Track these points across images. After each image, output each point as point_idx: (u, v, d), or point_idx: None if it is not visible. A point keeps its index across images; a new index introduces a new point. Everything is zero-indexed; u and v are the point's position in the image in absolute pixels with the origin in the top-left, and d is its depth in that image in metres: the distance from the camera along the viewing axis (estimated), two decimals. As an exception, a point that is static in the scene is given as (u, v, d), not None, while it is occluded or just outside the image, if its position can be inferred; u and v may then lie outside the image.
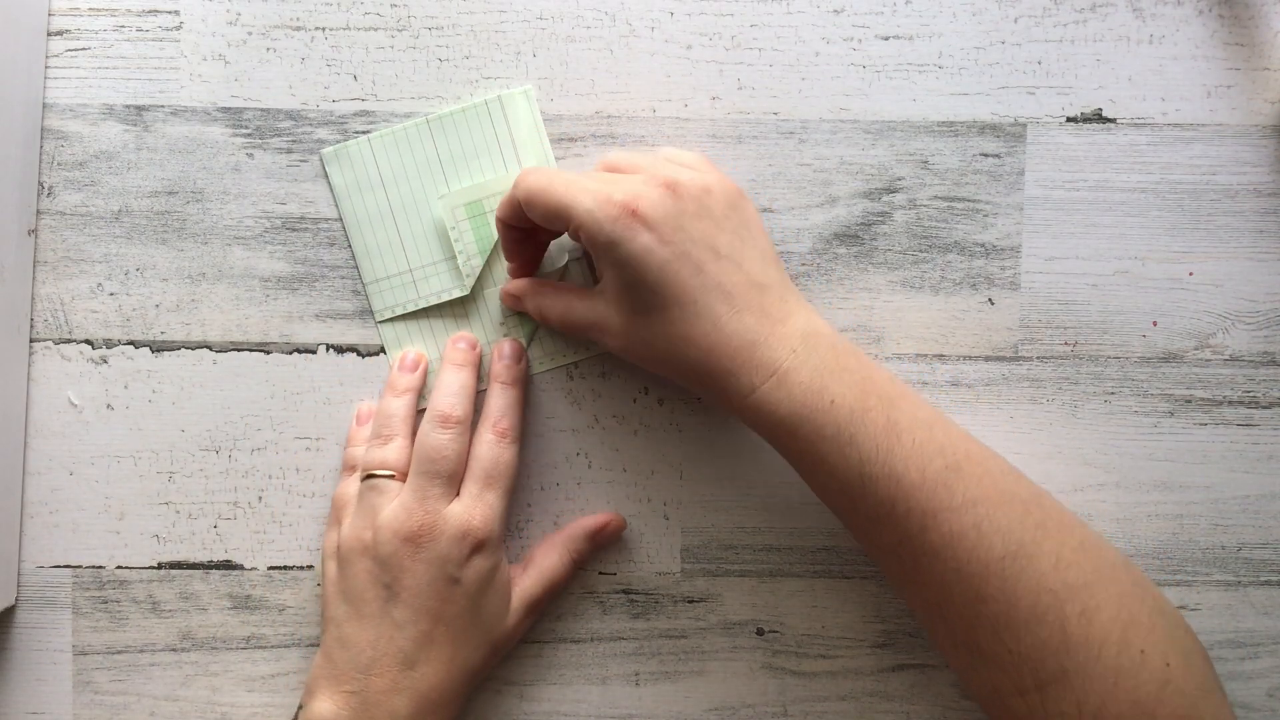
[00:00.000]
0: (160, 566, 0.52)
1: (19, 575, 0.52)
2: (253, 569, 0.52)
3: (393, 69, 0.52)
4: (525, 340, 0.52)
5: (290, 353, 0.52)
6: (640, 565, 0.53)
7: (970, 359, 0.53)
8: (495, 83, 0.52)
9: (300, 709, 0.48)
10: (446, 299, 0.52)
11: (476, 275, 0.51)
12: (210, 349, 0.52)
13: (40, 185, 0.52)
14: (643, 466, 0.52)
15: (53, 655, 0.52)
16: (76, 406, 0.52)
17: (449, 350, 0.51)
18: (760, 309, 0.44)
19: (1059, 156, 0.52)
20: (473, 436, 0.49)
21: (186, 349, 0.52)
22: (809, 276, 0.52)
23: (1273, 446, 0.53)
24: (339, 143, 0.52)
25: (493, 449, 0.48)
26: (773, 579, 0.53)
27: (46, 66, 0.52)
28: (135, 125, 0.52)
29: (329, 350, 0.52)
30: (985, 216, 0.52)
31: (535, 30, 0.52)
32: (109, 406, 0.52)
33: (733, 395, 0.44)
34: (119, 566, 0.52)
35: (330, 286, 0.52)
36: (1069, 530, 0.43)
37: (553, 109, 0.52)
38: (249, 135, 0.52)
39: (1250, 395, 0.53)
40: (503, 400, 0.50)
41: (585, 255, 0.52)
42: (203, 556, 0.52)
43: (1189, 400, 0.53)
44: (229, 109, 0.52)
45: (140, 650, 0.52)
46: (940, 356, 0.53)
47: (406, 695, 0.46)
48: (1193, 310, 0.53)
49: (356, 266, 0.52)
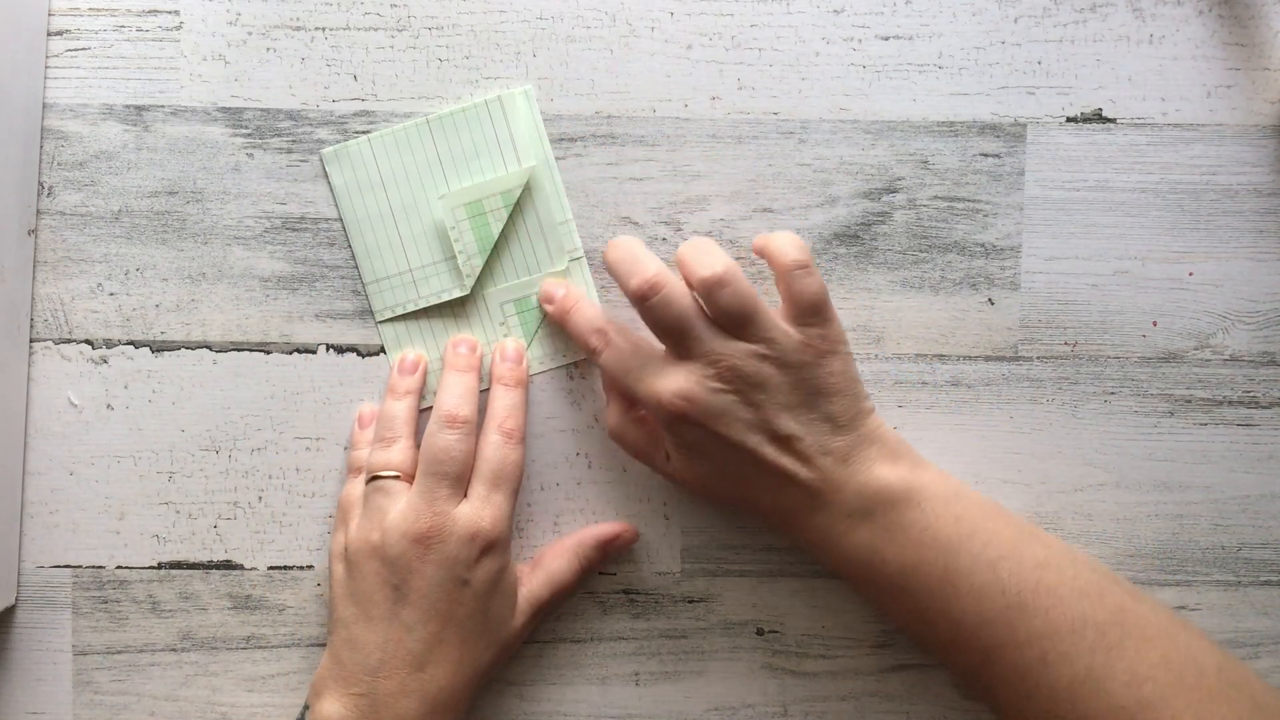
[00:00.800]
0: (160, 566, 0.52)
1: (19, 575, 0.52)
2: (253, 569, 0.52)
3: (393, 69, 0.52)
4: (526, 341, 0.52)
5: (290, 353, 0.52)
6: (640, 565, 0.53)
7: (970, 359, 0.53)
8: (495, 83, 0.52)
9: (306, 709, 0.48)
10: (446, 299, 0.52)
11: (476, 275, 0.51)
12: (210, 349, 0.52)
13: (40, 185, 0.52)
14: (643, 467, 0.52)
15: (53, 655, 0.52)
16: (76, 406, 0.52)
17: (450, 354, 0.51)
18: (818, 479, 0.45)
19: (1059, 156, 0.52)
20: (478, 438, 0.49)
21: (186, 349, 0.52)
22: (809, 276, 0.52)
23: (1273, 446, 0.53)
24: (339, 142, 0.52)
25: (499, 449, 0.48)
26: (773, 579, 0.53)
27: (46, 66, 0.52)
28: (135, 125, 0.52)
29: (329, 350, 0.52)
30: (985, 216, 0.52)
31: (535, 30, 0.52)
32: (109, 406, 0.52)
33: (799, 544, 0.49)
34: (119, 566, 0.52)
35: (330, 286, 0.52)
36: (1150, 644, 0.43)
37: (553, 109, 0.52)
38: (249, 135, 0.52)
39: (1250, 395, 0.53)
40: (507, 401, 0.50)
41: (583, 259, 0.52)
42: (203, 556, 0.52)
43: (1189, 400, 0.53)
44: (229, 109, 0.52)
45: (140, 650, 0.52)
46: (940, 356, 0.53)
47: (416, 697, 0.46)
48: (1193, 310, 0.53)
49: (356, 266, 0.52)
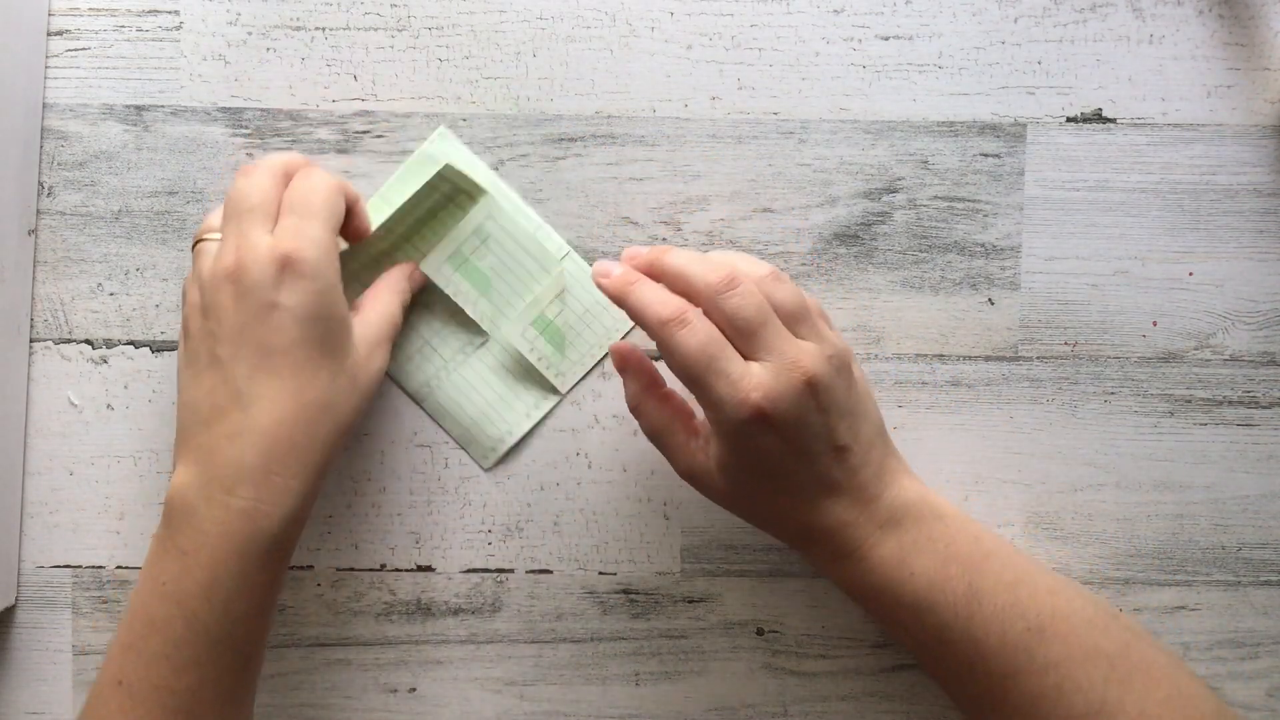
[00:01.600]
0: (160, 566, 0.52)
1: (19, 575, 0.52)
2: (253, 569, 0.52)
3: (393, 69, 0.52)
4: (557, 353, 0.52)
5: (290, 353, 0.52)
6: (640, 565, 0.53)
7: (970, 359, 0.53)
8: (495, 83, 0.52)
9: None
10: (471, 351, 0.52)
11: (489, 316, 0.51)
12: (210, 349, 0.52)
13: (40, 185, 0.52)
14: (643, 466, 0.52)
15: (53, 655, 0.52)
16: (76, 406, 0.52)
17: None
18: (858, 490, 0.45)
19: (1059, 156, 0.52)
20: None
21: (186, 349, 0.52)
22: (809, 276, 0.52)
23: (1273, 446, 0.53)
24: (340, 148, 0.52)
25: (305, 180, 0.45)
26: (773, 579, 0.53)
27: (46, 66, 0.52)
28: (135, 125, 0.52)
29: (329, 350, 0.52)
30: (985, 216, 0.52)
31: (535, 30, 0.52)
32: (109, 406, 0.52)
33: (819, 563, 0.47)
34: (119, 566, 0.52)
35: (330, 286, 0.52)
36: (1156, 683, 0.43)
37: (553, 109, 0.52)
38: (249, 135, 0.52)
39: (1250, 395, 0.53)
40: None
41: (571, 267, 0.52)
42: (203, 556, 0.52)
43: (1189, 400, 0.53)
44: (229, 109, 0.52)
45: (140, 650, 0.52)
46: (940, 356, 0.53)
47: (249, 438, 0.43)
48: (1193, 310, 0.53)
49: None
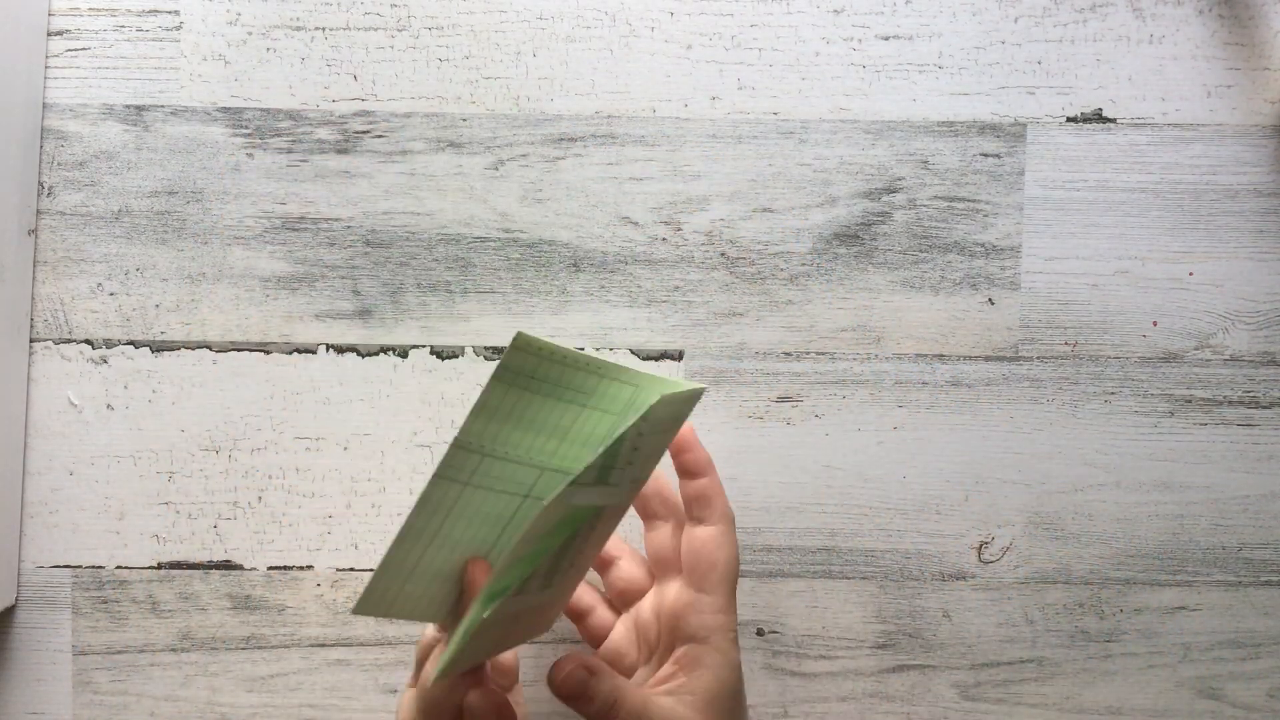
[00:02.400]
0: (160, 566, 0.52)
1: (19, 575, 0.52)
2: (252, 569, 0.52)
3: (393, 69, 0.52)
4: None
5: (290, 353, 0.52)
6: (640, 565, 0.53)
7: (970, 359, 0.53)
8: (495, 83, 0.52)
9: None
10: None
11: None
12: (210, 349, 0.52)
13: (40, 185, 0.52)
14: (643, 466, 0.52)
15: (53, 655, 0.52)
16: (76, 406, 0.52)
17: None
18: None
19: (1059, 156, 0.52)
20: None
21: (186, 349, 0.52)
22: (809, 276, 0.52)
23: (1273, 446, 0.53)
24: (340, 148, 0.52)
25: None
26: (773, 579, 0.53)
27: (46, 66, 0.52)
28: (135, 125, 0.52)
29: (329, 350, 0.52)
30: (985, 216, 0.52)
31: (535, 30, 0.52)
32: (109, 406, 0.52)
33: None
34: (119, 566, 0.52)
35: (330, 286, 0.52)
36: None
37: (553, 109, 0.52)
38: (249, 135, 0.52)
39: (1250, 395, 0.53)
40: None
41: None
42: (202, 556, 0.52)
43: (1189, 400, 0.53)
44: (229, 109, 0.52)
45: (140, 650, 0.52)
46: (940, 356, 0.53)
47: None
48: (1193, 310, 0.53)
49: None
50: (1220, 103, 0.52)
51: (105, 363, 0.52)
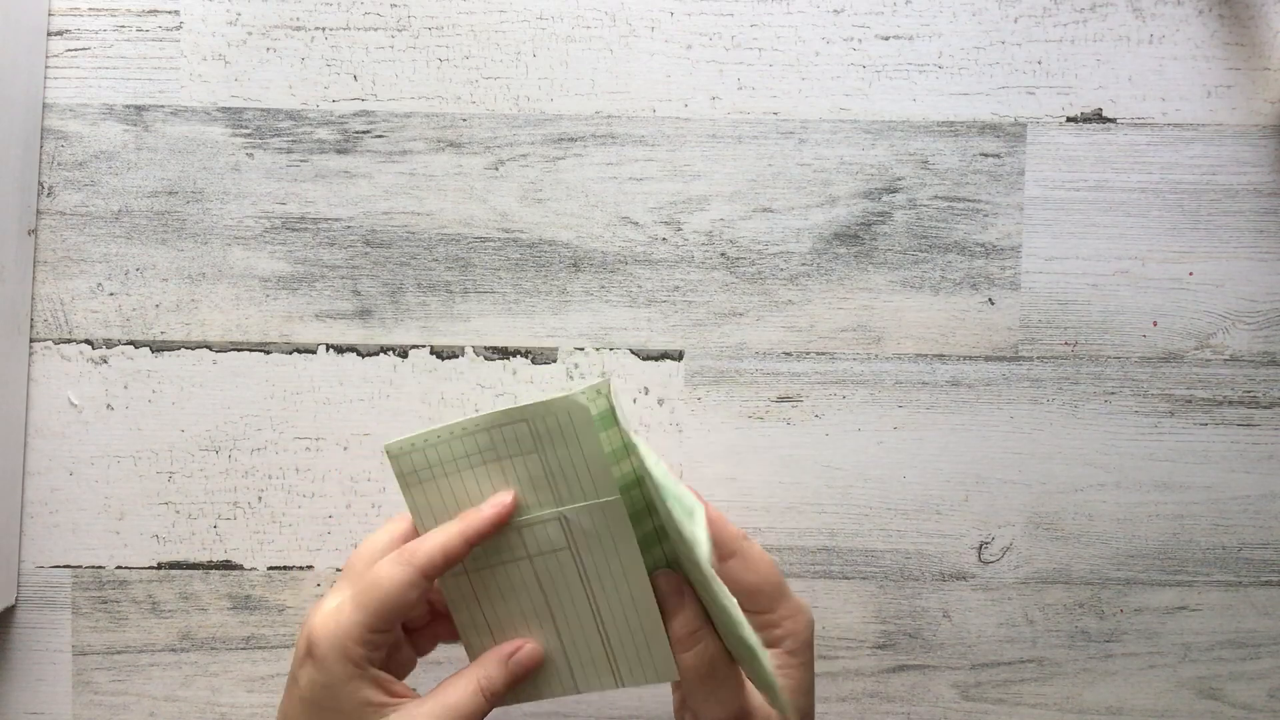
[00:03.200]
0: (160, 566, 0.52)
1: (19, 575, 0.52)
2: (252, 569, 0.52)
3: (393, 69, 0.52)
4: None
5: (290, 353, 0.52)
6: (640, 565, 0.53)
7: (970, 359, 0.53)
8: (495, 83, 0.52)
9: None
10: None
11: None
12: (210, 349, 0.52)
13: (40, 185, 0.52)
14: (643, 466, 0.52)
15: (53, 655, 0.52)
16: (76, 406, 0.52)
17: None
18: None
19: (1059, 156, 0.52)
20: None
21: (186, 349, 0.52)
22: (809, 276, 0.52)
23: (1273, 446, 0.53)
24: (340, 148, 0.52)
25: (379, 564, 0.41)
26: (773, 579, 0.53)
27: (46, 66, 0.52)
28: (135, 125, 0.52)
29: (329, 350, 0.52)
30: (985, 216, 0.52)
31: (535, 30, 0.52)
32: (109, 406, 0.52)
33: None
34: (119, 566, 0.52)
35: (330, 286, 0.52)
36: None
37: (553, 109, 0.52)
38: (249, 135, 0.52)
39: (1250, 395, 0.53)
40: (440, 536, 0.41)
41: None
42: (202, 556, 0.52)
43: (1189, 400, 0.53)
44: (229, 109, 0.52)
45: (140, 650, 0.52)
46: (940, 356, 0.53)
47: None
48: (1193, 310, 0.53)
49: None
50: (1220, 103, 0.52)
51: (105, 363, 0.52)
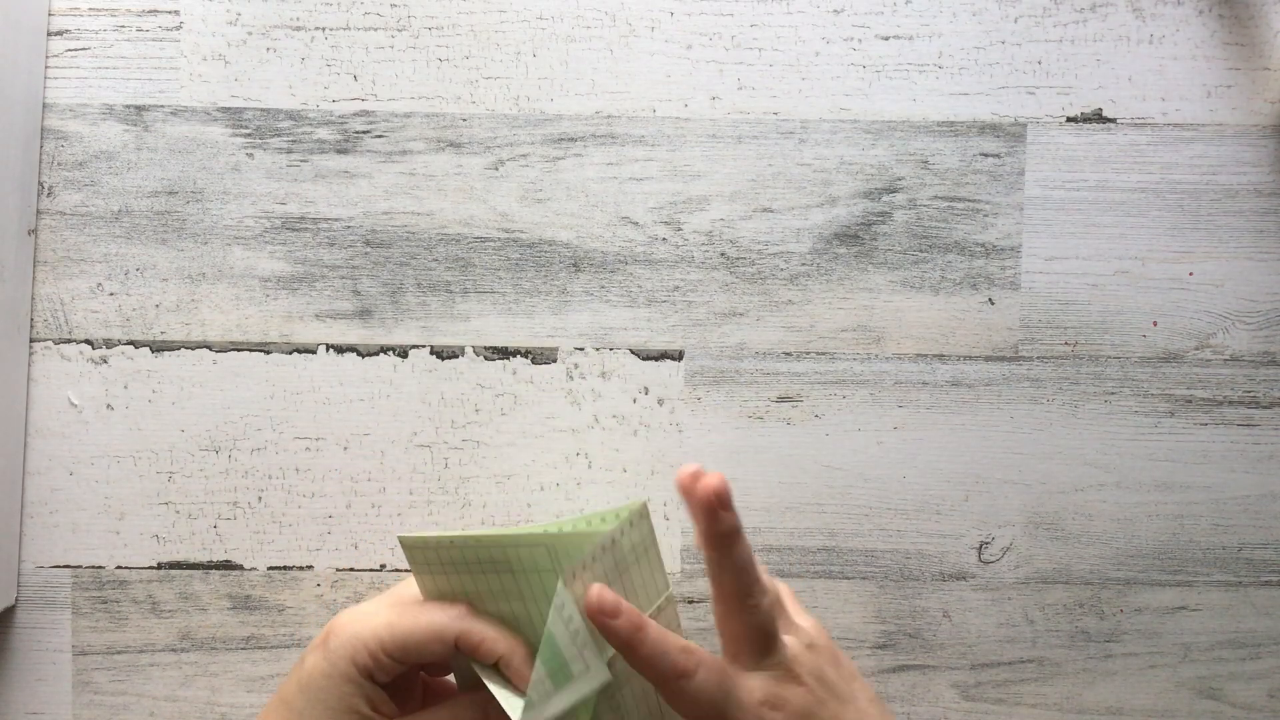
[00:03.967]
0: (160, 566, 0.52)
1: (19, 575, 0.52)
2: (252, 569, 0.52)
3: (393, 69, 0.52)
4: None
5: (290, 353, 0.52)
6: (640, 565, 0.53)
7: (970, 359, 0.53)
8: (495, 83, 0.52)
9: None
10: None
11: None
12: (210, 349, 0.52)
13: (40, 185, 0.52)
14: (643, 466, 0.52)
15: (53, 655, 0.52)
16: (76, 406, 0.52)
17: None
18: None
19: (1059, 156, 0.52)
20: None
21: (186, 349, 0.52)
22: (809, 276, 0.52)
23: (1273, 446, 0.53)
24: (340, 148, 0.52)
25: (431, 603, 0.40)
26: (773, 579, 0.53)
27: (46, 66, 0.52)
28: (135, 125, 0.52)
29: (329, 350, 0.52)
30: (985, 216, 0.52)
31: (535, 30, 0.52)
32: (109, 406, 0.52)
33: None
34: (119, 566, 0.52)
35: (330, 286, 0.52)
36: None
37: (553, 109, 0.52)
38: (249, 135, 0.52)
39: (1250, 395, 0.53)
40: (494, 634, 0.40)
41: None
42: (202, 556, 0.52)
43: (1189, 400, 0.53)
44: (229, 109, 0.52)
45: (140, 650, 0.52)
46: (940, 356, 0.53)
47: None
48: (1193, 310, 0.53)
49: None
50: (1220, 103, 0.52)
51: (105, 363, 0.52)
